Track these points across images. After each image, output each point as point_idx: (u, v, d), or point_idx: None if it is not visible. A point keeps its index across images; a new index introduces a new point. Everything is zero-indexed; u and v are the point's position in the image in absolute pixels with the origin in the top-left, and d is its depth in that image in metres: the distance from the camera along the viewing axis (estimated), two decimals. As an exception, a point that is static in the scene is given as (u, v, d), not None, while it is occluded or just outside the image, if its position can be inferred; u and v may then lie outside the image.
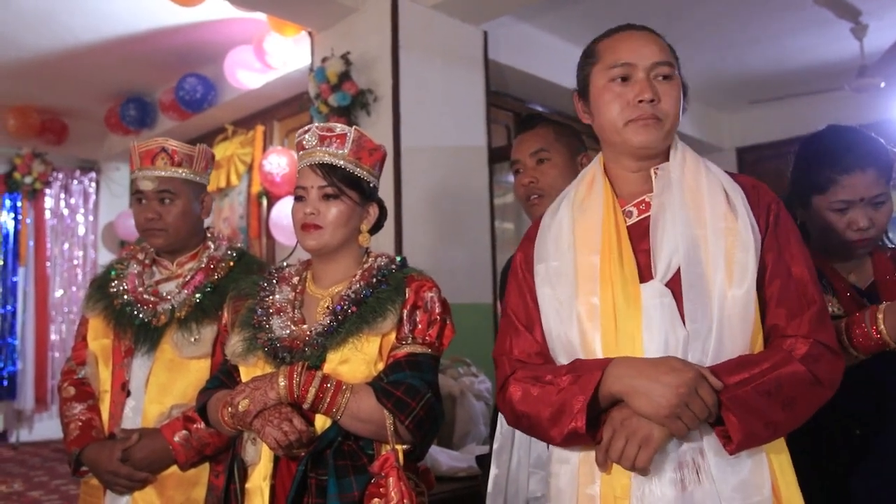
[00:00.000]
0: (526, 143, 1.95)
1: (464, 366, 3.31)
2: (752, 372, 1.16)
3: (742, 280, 1.21)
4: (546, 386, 1.25)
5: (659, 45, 1.35)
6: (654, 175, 1.34)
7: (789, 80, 5.78)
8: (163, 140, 1.94)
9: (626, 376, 1.18)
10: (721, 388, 1.14)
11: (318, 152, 1.55)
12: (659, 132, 1.31)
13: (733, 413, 1.13)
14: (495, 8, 3.98)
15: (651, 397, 1.14)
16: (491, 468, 1.87)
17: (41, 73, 5.47)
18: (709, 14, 4.61)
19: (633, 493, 1.19)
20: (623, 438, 1.17)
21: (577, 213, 1.37)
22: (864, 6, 4.66)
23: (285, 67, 4.73)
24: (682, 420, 1.14)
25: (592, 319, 1.26)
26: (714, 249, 1.23)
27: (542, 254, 1.37)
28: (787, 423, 1.18)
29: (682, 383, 1.13)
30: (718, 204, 1.27)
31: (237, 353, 1.54)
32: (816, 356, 1.19)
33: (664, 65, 1.32)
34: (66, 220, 7.04)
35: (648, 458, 1.15)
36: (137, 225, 1.96)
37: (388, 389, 1.40)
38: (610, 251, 1.28)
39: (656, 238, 1.27)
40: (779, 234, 1.28)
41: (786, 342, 1.21)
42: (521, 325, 1.37)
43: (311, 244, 1.55)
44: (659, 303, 1.22)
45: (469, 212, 3.98)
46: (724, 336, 1.20)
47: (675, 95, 1.32)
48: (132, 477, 1.79)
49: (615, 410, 1.20)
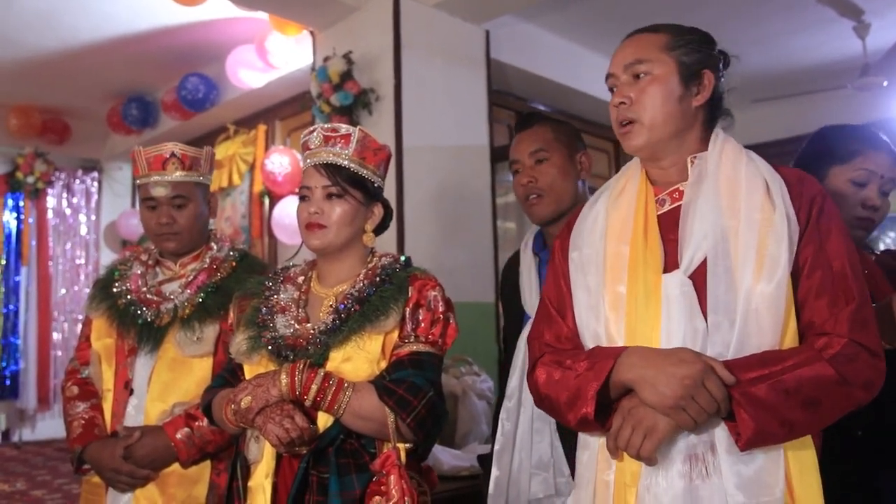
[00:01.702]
0: (524, 143, 1.94)
1: (466, 365, 3.31)
2: (772, 368, 1.14)
3: (772, 274, 1.18)
4: (566, 371, 1.28)
5: (635, 45, 1.36)
6: (690, 164, 1.33)
7: (792, 79, 5.77)
8: (172, 145, 1.95)
9: (636, 365, 1.18)
10: (733, 383, 1.13)
11: (322, 152, 1.56)
12: (639, 133, 1.32)
13: (744, 409, 1.12)
14: (497, 7, 3.98)
15: (657, 387, 1.15)
16: (492, 469, 1.87)
17: (43, 73, 5.47)
18: (712, 14, 4.60)
19: (642, 481, 1.20)
20: (630, 427, 1.18)
21: (612, 202, 1.38)
22: (866, 5, 4.65)
23: (287, 67, 4.73)
24: (688, 412, 1.14)
25: (617, 308, 1.27)
26: (745, 241, 1.21)
27: (577, 241, 1.39)
28: (809, 424, 1.15)
29: (688, 375, 1.13)
30: (755, 194, 1.24)
31: (241, 352, 1.54)
32: (850, 356, 1.15)
33: (635, 64, 1.33)
34: (69, 220, 7.04)
35: (653, 448, 1.16)
36: (148, 230, 1.98)
37: (389, 387, 1.40)
38: (638, 240, 1.29)
39: (685, 228, 1.26)
40: (821, 227, 1.23)
41: (820, 340, 1.17)
42: (554, 310, 1.40)
43: (316, 244, 1.55)
44: (679, 293, 1.22)
45: (471, 211, 3.98)
46: (750, 330, 1.18)
47: (650, 91, 1.31)
48: (134, 474, 1.79)
49: (625, 399, 1.21)
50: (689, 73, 1.32)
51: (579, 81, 4.98)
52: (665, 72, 1.31)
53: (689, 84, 1.32)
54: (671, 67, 1.31)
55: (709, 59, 1.35)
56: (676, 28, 1.36)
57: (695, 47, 1.34)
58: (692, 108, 1.33)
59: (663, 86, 1.31)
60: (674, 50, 1.32)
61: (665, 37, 1.34)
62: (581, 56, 5.04)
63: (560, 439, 1.80)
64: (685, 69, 1.32)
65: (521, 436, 1.84)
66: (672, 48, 1.33)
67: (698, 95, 1.33)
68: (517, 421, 1.85)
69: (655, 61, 1.32)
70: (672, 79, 1.31)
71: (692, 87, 1.33)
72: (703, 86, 1.33)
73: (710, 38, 1.38)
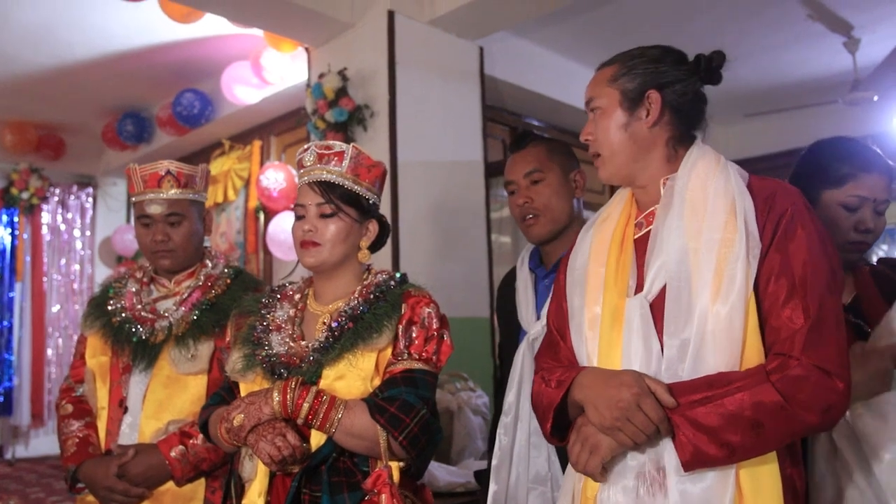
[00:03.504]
0: (519, 164, 1.95)
1: (461, 380, 3.31)
2: (715, 391, 1.14)
3: (728, 295, 1.17)
4: (545, 386, 1.34)
5: (592, 82, 1.40)
6: (662, 186, 1.34)
7: (783, 94, 5.82)
8: (167, 162, 1.96)
9: (584, 386, 1.25)
10: (673, 406, 1.15)
11: (316, 170, 1.57)
12: (604, 166, 1.38)
13: (682, 431, 1.15)
14: (491, 23, 4.01)
15: (598, 408, 1.20)
16: (490, 484, 1.87)
17: (38, 89, 5.49)
18: (702, 29, 4.64)
19: (599, 495, 1.25)
20: (579, 444, 1.24)
21: (598, 225, 1.42)
22: (856, 20, 4.70)
23: (282, 83, 4.75)
24: (624, 433, 1.18)
25: (593, 328, 1.31)
26: (704, 262, 1.21)
27: (572, 263, 1.44)
28: (752, 447, 1.13)
29: (623, 398, 1.16)
30: (719, 213, 1.23)
31: (236, 370, 1.54)
32: (799, 378, 1.13)
33: (589, 101, 1.39)
34: (63, 236, 7.04)
35: (596, 465, 1.21)
36: (144, 247, 1.98)
37: (381, 405, 1.40)
38: (611, 263, 1.33)
39: (651, 252, 1.29)
40: (787, 234, 1.21)
41: (774, 361, 1.16)
42: (554, 329, 1.44)
43: (310, 261, 1.56)
44: (638, 316, 1.25)
45: (466, 226, 3.99)
46: (705, 352, 1.18)
47: (601, 125, 1.36)
48: (128, 493, 1.79)
49: (580, 417, 1.27)
50: (631, 99, 1.34)
51: (572, 97, 5.02)
52: (608, 103, 1.36)
53: (633, 109, 1.34)
54: (614, 98, 1.35)
55: (655, 78, 1.34)
56: (626, 55, 1.38)
57: (638, 71, 1.35)
58: (644, 131, 1.34)
59: (609, 118, 1.35)
60: (617, 80, 1.36)
61: (613, 68, 1.37)
62: (574, 72, 5.08)
63: (557, 454, 1.80)
64: (625, 96, 1.34)
65: (518, 450, 1.84)
66: (615, 79, 1.36)
67: (648, 117, 1.34)
68: (514, 436, 1.85)
69: (602, 96, 1.37)
70: (615, 109, 1.35)
71: (638, 112, 1.34)
72: (650, 107, 1.34)
73: (661, 55, 1.37)
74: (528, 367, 1.85)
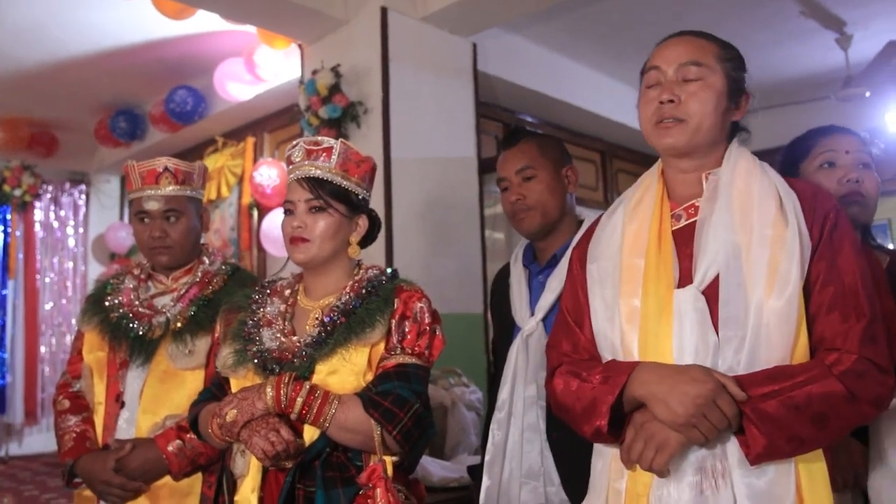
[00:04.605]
0: (511, 161, 1.95)
1: (454, 376, 3.31)
2: (782, 384, 1.15)
3: (783, 290, 1.19)
4: (583, 382, 1.30)
5: (690, 46, 1.36)
6: (704, 180, 1.34)
7: (776, 90, 5.82)
8: (165, 159, 1.97)
9: (648, 382, 1.20)
10: (744, 400, 1.14)
11: (305, 166, 1.57)
12: (683, 133, 1.32)
13: (754, 425, 1.14)
14: (484, 20, 4.01)
15: (669, 405, 1.16)
16: (483, 479, 1.88)
17: (31, 86, 5.46)
18: (695, 25, 4.61)
19: (653, 492, 1.22)
20: (642, 441, 1.20)
21: (629, 215, 1.39)
22: (848, 16, 4.72)
23: (275, 80, 4.74)
24: (699, 429, 1.15)
25: (632, 321, 1.29)
26: (756, 257, 1.21)
27: (594, 253, 1.40)
28: (817, 439, 1.16)
29: (700, 394, 1.14)
30: (768, 210, 1.25)
31: (227, 366, 1.54)
32: (860, 372, 1.15)
33: (690, 65, 1.33)
34: (56, 233, 7.01)
35: (664, 463, 1.18)
36: (141, 244, 1.99)
37: (375, 400, 1.41)
38: (651, 254, 1.31)
39: (699, 244, 1.28)
40: (833, 243, 1.24)
41: (830, 356, 1.18)
42: (571, 320, 1.41)
43: (300, 257, 1.56)
44: (692, 308, 1.23)
45: (459, 222, 3.99)
46: (760, 346, 1.18)
47: (701, 95, 1.31)
48: (125, 487, 1.79)
49: (638, 413, 1.23)
50: (735, 89, 1.34)
51: (566, 93, 5.02)
52: (717, 81, 1.32)
53: (732, 99, 1.34)
54: (722, 78, 1.33)
55: (745, 80, 1.38)
56: (721, 41, 1.38)
57: (739, 64, 1.36)
58: (728, 122, 1.36)
59: (715, 94, 1.32)
60: (726, 62, 1.34)
61: (716, 46, 1.36)
62: (567, 67, 5.08)
63: (550, 449, 1.81)
64: (733, 83, 1.34)
65: (511, 445, 1.85)
66: (724, 59, 1.34)
67: (737, 111, 1.36)
68: (507, 431, 1.86)
69: (711, 67, 1.32)
70: (722, 90, 1.33)
71: (734, 102, 1.35)
72: (742, 104, 1.36)
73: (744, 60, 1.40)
74: (521, 362, 1.86)
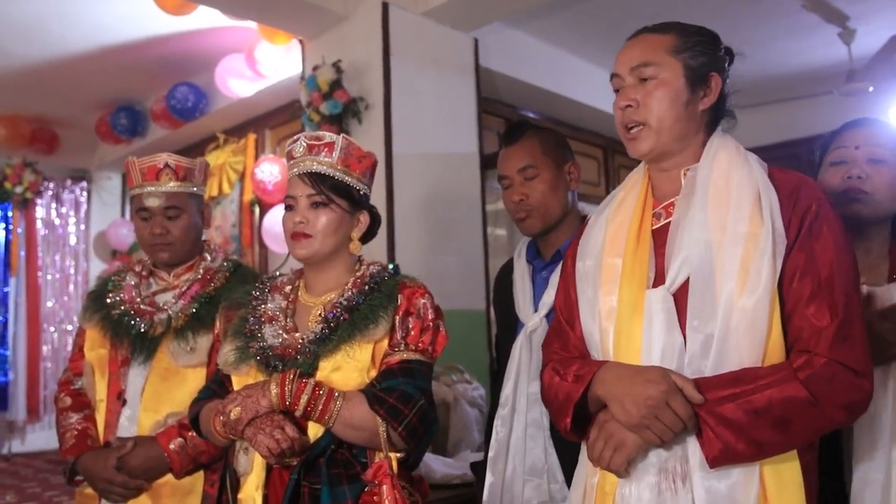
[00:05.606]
0: (512, 159, 1.92)
1: (457, 373, 3.31)
2: (743, 388, 1.13)
3: (754, 289, 1.16)
4: (561, 380, 1.31)
5: (641, 46, 1.33)
6: (683, 176, 1.32)
7: (779, 85, 5.81)
8: (166, 155, 1.96)
9: (608, 382, 1.22)
10: (700, 402, 1.14)
11: (306, 161, 1.56)
12: (648, 138, 1.30)
13: (710, 428, 1.14)
14: (485, 15, 4.00)
15: (623, 405, 1.18)
16: (486, 476, 1.87)
17: (31, 83, 5.45)
18: (697, 20, 4.60)
19: (618, 490, 1.23)
20: (602, 440, 1.22)
21: (612, 214, 1.39)
22: (851, 11, 4.70)
23: (276, 76, 4.74)
24: (651, 431, 1.16)
25: (609, 320, 1.29)
26: (729, 255, 1.19)
27: (582, 252, 1.41)
28: (780, 443, 1.14)
29: (652, 396, 1.14)
30: (743, 207, 1.21)
31: (229, 363, 1.53)
32: (827, 376, 1.12)
33: (641, 67, 1.30)
34: (58, 230, 7.00)
35: (621, 463, 1.19)
36: (142, 240, 1.98)
37: (380, 396, 1.40)
38: (628, 254, 1.30)
39: (672, 244, 1.26)
40: (812, 233, 1.20)
41: (799, 358, 1.15)
42: (563, 318, 1.42)
43: (302, 253, 1.55)
44: (660, 309, 1.22)
45: (461, 218, 3.98)
46: (729, 346, 1.16)
47: (656, 94, 1.28)
48: (127, 485, 1.79)
49: (601, 412, 1.24)
50: (696, 77, 1.30)
51: (567, 88, 5.01)
52: (672, 75, 1.29)
53: (695, 88, 1.30)
54: (678, 71, 1.29)
55: (715, 61, 1.33)
56: (683, 28, 1.34)
57: (701, 49, 1.32)
58: (698, 112, 1.32)
59: (670, 90, 1.28)
60: (681, 53, 1.30)
61: (672, 38, 1.32)
62: (569, 62, 5.07)
63: (554, 446, 1.81)
64: (692, 73, 1.30)
65: (514, 442, 1.84)
66: (679, 51, 1.30)
67: (704, 99, 1.32)
68: (511, 427, 1.85)
69: (662, 64, 1.29)
70: (679, 83, 1.29)
71: (699, 91, 1.31)
72: (710, 89, 1.32)
73: (717, 38, 1.36)
74: (525, 359, 1.85)
